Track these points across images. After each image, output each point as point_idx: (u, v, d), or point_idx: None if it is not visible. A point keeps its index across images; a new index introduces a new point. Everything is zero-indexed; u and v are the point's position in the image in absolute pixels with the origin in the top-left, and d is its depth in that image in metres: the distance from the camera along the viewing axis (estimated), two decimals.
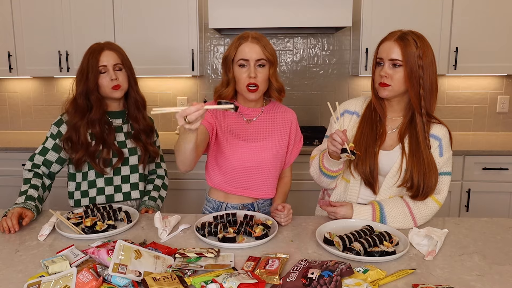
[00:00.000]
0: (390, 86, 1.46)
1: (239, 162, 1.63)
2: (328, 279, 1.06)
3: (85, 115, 1.69)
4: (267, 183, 1.69)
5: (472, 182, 2.79)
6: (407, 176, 1.49)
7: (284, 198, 1.75)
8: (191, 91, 3.37)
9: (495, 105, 3.29)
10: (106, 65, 1.68)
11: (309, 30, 3.16)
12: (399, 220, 1.49)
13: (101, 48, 1.70)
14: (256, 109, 1.69)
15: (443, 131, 1.53)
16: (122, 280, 1.08)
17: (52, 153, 1.72)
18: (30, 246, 1.36)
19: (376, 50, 1.52)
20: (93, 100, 1.70)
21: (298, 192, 2.79)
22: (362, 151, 1.51)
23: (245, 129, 1.66)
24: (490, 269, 1.20)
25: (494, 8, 2.84)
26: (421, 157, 1.47)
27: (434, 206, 1.51)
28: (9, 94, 3.46)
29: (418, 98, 1.46)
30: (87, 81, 1.68)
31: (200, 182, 2.79)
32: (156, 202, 1.83)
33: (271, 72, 1.59)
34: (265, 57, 1.56)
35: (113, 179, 1.77)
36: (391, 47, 1.46)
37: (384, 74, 1.46)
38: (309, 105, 3.36)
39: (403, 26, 1.57)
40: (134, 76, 1.79)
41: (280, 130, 1.69)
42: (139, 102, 1.80)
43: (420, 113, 1.48)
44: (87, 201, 1.76)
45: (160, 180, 1.92)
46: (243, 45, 1.56)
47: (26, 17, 2.99)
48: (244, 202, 1.70)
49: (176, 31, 2.96)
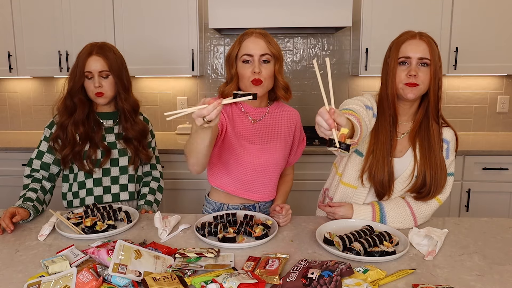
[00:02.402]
0: (418, 86, 1.41)
1: (250, 165, 1.60)
2: (328, 279, 1.06)
3: (72, 114, 1.70)
4: (270, 185, 1.67)
5: (472, 182, 2.79)
6: (418, 182, 1.48)
7: (285, 197, 1.74)
8: (191, 91, 3.37)
9: (495, 105, 3.29)
10: (91, 71, 1.67)
11: (309, 30, 3.16)
12: (399, 220, 1.49)
13: (90, 52, 1.67)
14: (261, 108, 1.65)
15: (451, 134, 1.54)
16: (122, 280, 1.08)
17: (48, 155, 1.73)
18: (30, 246, 1.36)
19: (396, 50, 1.44)
20: (76, 102, 1.70)
21: (299, 192, 2.79)
22: (380, 160, 1.46)
23: (251, 130, 1.62)
24: (490, 269, 1.20)
25: (494, 8, 2.84)
26: (433, 161, 1.47)
27: (435, 205, 1.52)
28: (9, 94, 3.46)
29: (436, 100, 1.44)
30: (73, 82, 1.69)
31: (199, 182, 2.78)
32: (152, 206, 1.82)
33: (276, 68, 1.55)
34: (270, 52, 1.52)
35: (102, 179, 1.76)
36: (418, 45, 1.41)
37: (414, 73, 1.40)
38: (309, 105, 3.36)
39: (403, 26, 1.56)
40: (123, 83, 1.73)
41: (286, 131, 1.67)
42: (126, 110, 1.75)
43: (437, 116, 1.46)
44: (78, 202, 1.76)
45: (155, 182, 1.90)
46: (247, 41, 1.53)
47: (26, 17, 2.99)
48: (245, 204, 1.68)
49: (176, 31, 2.96)
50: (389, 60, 1.47)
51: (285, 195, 1.75)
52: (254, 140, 1.62)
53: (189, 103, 3.37)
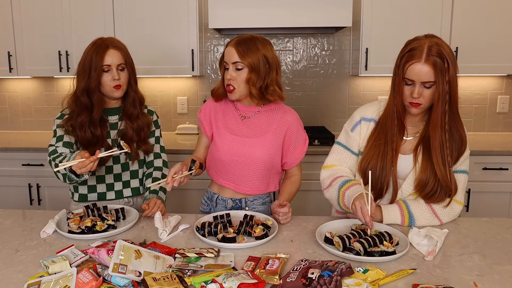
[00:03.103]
0: (422, 105, 1.44)
1: (228, 156, 1.68)
2: (328, 279, 1.06)
3: (89, 113, 1.69)
4: (254, 179, 1.70)
5: (472, 182, 2.79)
6: (421, 183, 1.49)
7: (289, 197, 1.73)
8: (191, 91, 3.38)
9: (495, 105, 3.29)
10: (110, 65, 1.68)
11: (309, 30, 3.16)
12: (426, 217, 1.51)
13: (107, 46, 1.69)
14: (251, 107, 1.71)
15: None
16: (122, 280, 1.08)
17: (68, 136, 1.71)
18: (30, 246, 1.36)
19: (402, 69, 1.43)
20: (95, 100, 1.70)
21: (303, 192, 2.78)
22: (379, 158, 1.51)
23: (239, 125, 1.70)
24: (490, 269, 1.20)
25: (494, 8, 2.84)
26: (436, 164, 1.46)
27: (454, 204, 1.52)
28: (9, 94, 3.46)
29: (443, 115, 1.43)
30: (89, 78, 1.67)
31: (200, 182, 2.78)
32: (158, 194, 1.78)
33: (248, 77, 1.60)
34: (240, 61, 1.59)
35: (105, 177, 1.78)
36: (422, 70, 1.38)
37: (416, 96, 1.42)
38: (309, 105, 3.36)
39: (403, 26, 1.56)
40: (135, 75, 1.79)
41: (275, 130, 1.69)
42: (136, 101, 1.79)
43: (443, 129, 1.45)
44: (77, 197, 1.77)
45: (158, 171, 1.86)
46: (226, 48, 1.63)
47: (26, 17, 2.99)
48: (234, 197, 1.73)
49: (176, 31, 2.96)
50: (396, 76, 1.47)
51: (290, 195, 1.74)
52: (239, 133, 1.70)
53: (189, 103, 3.38)
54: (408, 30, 1.53)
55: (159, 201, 1.67)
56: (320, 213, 1.79)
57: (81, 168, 1.45)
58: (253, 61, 1.58)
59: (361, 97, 3.31)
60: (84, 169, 1.45)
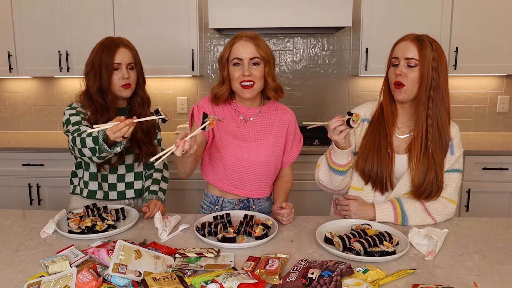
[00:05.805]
0: (405, 86, 1.46)
1: (232, 161, 1.65)
2: (328, 279, 1.06)
3: (108, 114, 1.67)
4: (260, 182, 1.69)
5: (472, 182, 2.79)
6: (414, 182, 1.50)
7: (285, 197, 1.74)
8: (191, 91, 3.38)
9: (495, 105, 3.29)
10: (120, 63, 1.67)
11: (309, 30, 3.16)
12: (419, 215, 1.51)
13: (117, 44, 1.68)
14: (253, 108, 1.69)
15: (454, 130, 1.56)
16: (122, 280, 1.08)
17: (85, 121, 1.66)
18: (30, 246, 1.36)
19: (391, 52, 1.52)
20: (109, 101, 1.68)
21: (299, 192, 2.79)
22: (375, 153, 1.51)
23: (241, 128, 1.66)
24: (490, 269, 1.20)
25: (494, 8, 2.84)
26: (425, 161, 1.48)
27: (447, 203, 1.53)
28: (9, 94, 3.46)
29: (426, 98, 1.45)
30: (101, 78, 1.66)
31: (200, 182, 2.77)
32: (157, 195, 1.78)
33: (266, 70, 1.59)
34: (259, 55, 1.56)
35: (108, 176, 1.77)
36: (407, 46, 1.46)
37: (399, 72, 1.45)
38: (309, 105, 3.36)
39: (403, 26, 1.58)
40: (143, 75, 1.79)
41: (277, 130, 1.69)
42: (145, 101, 1.79)
43: (427, 115, 1.47)
44: (86, 192, 1.75)
45: (158, 173, 1.86)
46: (237, 44, 1.59)
47: (26, 17, 2.99)
48: (240, 198, 1.71)
49: (176, 31, 2.96)
50: (387, 64, 1.52)
51: (286, 195, 1.75)
52: (242, 138, 1.65)
53: (189, 103, 3.37)
54: (408, 30, 1.53)
55: (159, 202, 1.67)
56: (320, 213, 1.79)
57: (115, 132, 1.34)
58: (268, 54, 1.59)
59: (361, 97, 3.31)
60: (118, 133, 1.34)
